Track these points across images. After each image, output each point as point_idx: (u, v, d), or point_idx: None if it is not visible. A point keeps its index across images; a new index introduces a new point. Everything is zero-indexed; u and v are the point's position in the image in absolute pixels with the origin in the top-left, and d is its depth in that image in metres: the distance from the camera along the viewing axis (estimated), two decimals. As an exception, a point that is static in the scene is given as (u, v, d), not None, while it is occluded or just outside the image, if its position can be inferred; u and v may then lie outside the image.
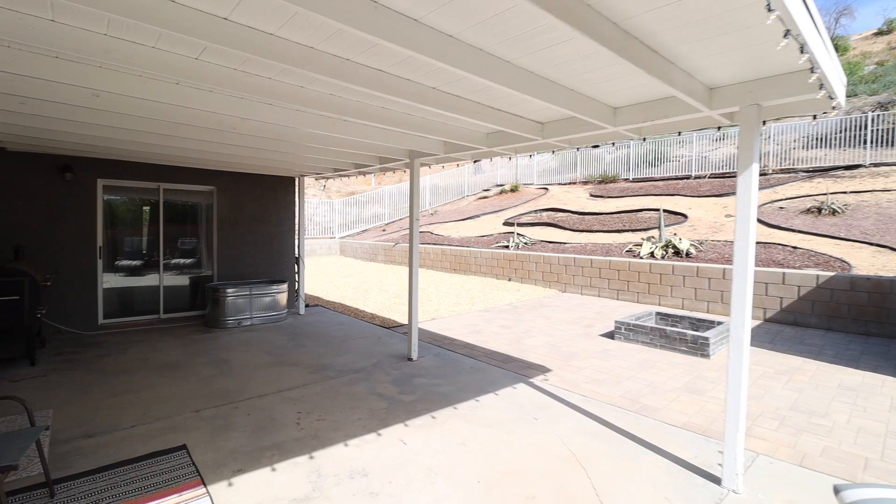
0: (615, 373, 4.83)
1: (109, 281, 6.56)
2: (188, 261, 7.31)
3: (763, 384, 4.51)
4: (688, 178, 15.26)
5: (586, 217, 13.81)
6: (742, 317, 2.73)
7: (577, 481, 2.81)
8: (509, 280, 11.45)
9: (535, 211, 15.63)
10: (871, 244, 8.23)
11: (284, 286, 7.11)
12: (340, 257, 18.12)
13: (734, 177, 14.06)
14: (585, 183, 17.89)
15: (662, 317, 6.64)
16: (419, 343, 5.72)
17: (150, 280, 6.92)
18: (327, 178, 7.75)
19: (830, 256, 7.85)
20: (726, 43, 2.19)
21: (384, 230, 19.14)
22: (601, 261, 9.62)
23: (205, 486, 2.70)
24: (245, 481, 2.77)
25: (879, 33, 27.59)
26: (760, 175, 13.69)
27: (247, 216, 7.69)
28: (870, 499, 2.01)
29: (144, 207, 6.93)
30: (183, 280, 7.24)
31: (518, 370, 4.88)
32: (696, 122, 3.36)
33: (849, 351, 5.65)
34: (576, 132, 3.76)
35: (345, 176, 7.09)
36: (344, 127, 4.06)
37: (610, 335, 6.33)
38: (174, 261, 7.16)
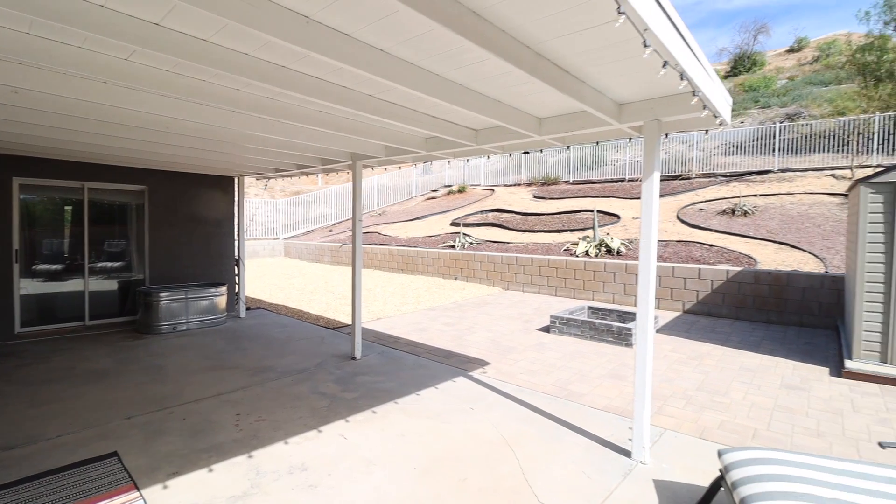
0: (548, 363, 5.17)
1: (27, 287, 6.12)
2: (117, 264, 6.95)
3: (676, 368, 5.01)
4: (622, 180, 16.24)
5: (529, 217, 14.38)
6: (646, 308, 3.08)
7: (506, 463, 3.05)
8: (455, 279, 11.72)
9: (482, 211, 16.05)
10: (775, 242, 9.24)
11: (223, 289, 6.94)
12: (285, 259, 17.69)
13: (665, 179, 15.17)
14: (530, 184, 18.57)
15: (593, 311, 7.13)
16: (363, 342, 5.82)
17: (73, 285, 6.52)
18: (268, 178, 7.63)
19: (740, 253, 8.73)
20: (626, 67, 2.49)
21: (331, 231, 18.88)
22: (541, 259, 10.10)
23: (138, 490, 2.69)
24: (181, 483, 2.78)
25: (791, 50, 30.45)
26: (685, 179, 14.86)
27: (182, 216, 7.42)
28: (741, 459, 2.38)
29: (67, 207, 6.52)
30: (111, 284, 6.87)
31: (459, 365, 5.10)
32: (610, 133, 3.71)
33: (752, 337, 6.36)
34: (506, 139, 4.02)
35: (287, 176, 7.03)
36: (283, 129, 4.09)
37: (546, 329, 6.72)
38: (101, 264, 6.78)
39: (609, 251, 9.90)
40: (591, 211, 12.80)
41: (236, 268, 7.83)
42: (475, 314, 7.82)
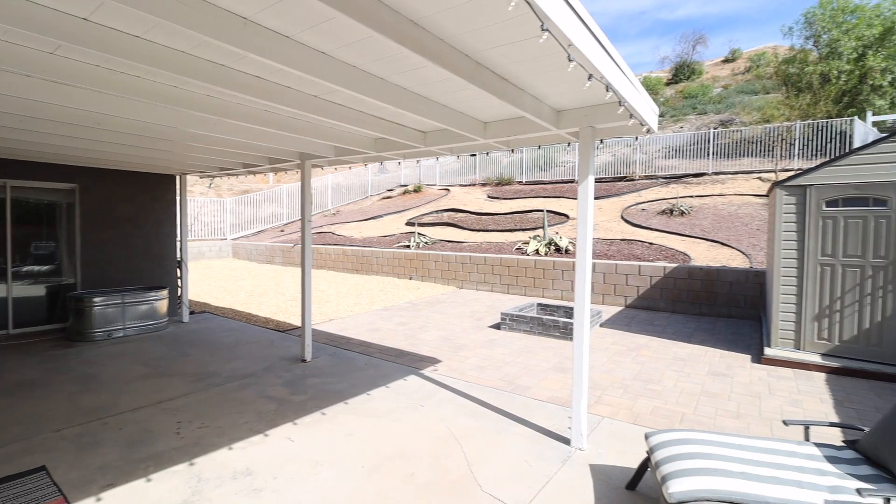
0: (498, 359, 5.33)
1: (-63, 294, 5.60)
2: (45, 267, 6.48)
3: (616, 360, 5.30)
4: (572, 181, 16.84)
5: (483, 217, 14.63)
6: (583, 304, 3.26)
7: (452, 456, 3.14)
8: (410, 279, 11.76)
9: (437, 211, 16.16)
10: (708, 240, 9.92)
11: (164, 292, 6.63)
12: (233, 260, 17.04)
13: (611, 181, 15.89)
14: (484, 185, 18.87)
15: (542, 307, 7.40)
16: (315, 344, 5.75)
17: (-7, 291, 6.03)
18: (213, 177, 7.36)
19: (677, 251, 9.31)
20: (558, 77, 2.64)
21: (282, 231, 18.38)
22: (494, 258, 10.33)
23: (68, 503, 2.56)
24: (116, 495, 2.68)
25: (726, 61, 32.54)
26: (630, 181, 15.61)
27: (118, 217, 7.02)
28: (664, 440, 2.59)
29: (-16, 207, 6.02)
30: (38, 289, 6.41)
31: (410, 363, 5.16)
32: (550, 138, 3.90)
33: (685, 329, 6.82)
34: (453, 142, 4.12)
35: (233, 175, 6.82)
36: (226, 128, 3.99)
37: (497, 326, 6.91)
38: (27, 268, 6.31)
39: (558, 250, 10.28)
40: (542, 211, 13.19)
41: (179, 270, 7.50)
42: (429, 313, 7.90)
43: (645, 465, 2.70)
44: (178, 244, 7.62)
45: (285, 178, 25.44)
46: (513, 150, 4.38)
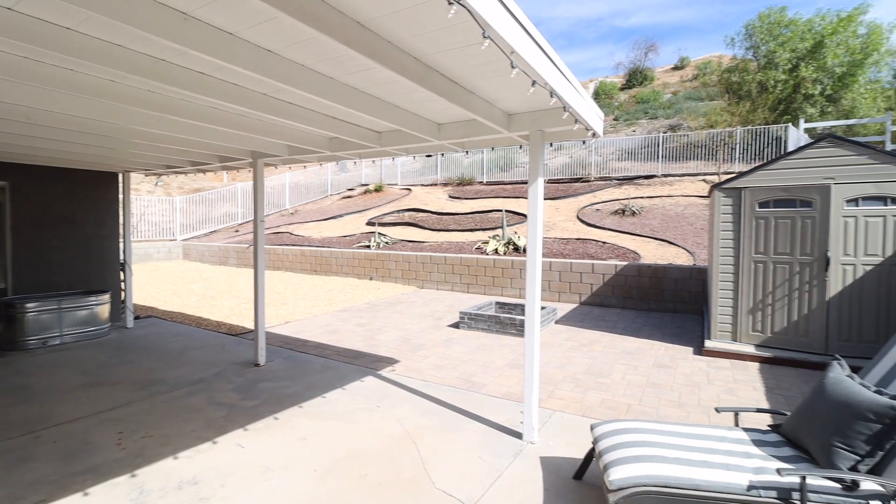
0: (455, 358, 5.39)
1: None
2: (-32, 272, 5.99)
3: (569, 355, 5.48)
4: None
5: (444, 217, 14.71)
6: (533, 301, 3.36)
7: (407, 455, 3.16)
8: (370, 279, 11.67)
9: (398, 211, 16.10)
10: (656, 239, 10.40)
11: (106, 297, 6.28)
12: (184, 262, 16.32)
13: (568, 182, 16.34)
14: (446, 185, 18.96)
15: (500, 306, 7.53)
16: (270, 348, 5.62)
17: None
18: (160, 175, 7.04)
19: (628, 249, 9.71)
20: (505, 82, 2.71)
21: (237, 231, 17.76)
22: (454, 258, 10.41)
23: (-8, 525, 2.40)
24: (48, 512, 2.53)
25: (676, 68, 34.05)
26: (585, 182, 16.11)
27: (54, 217, 6.59)
28: (607, 431, 2.72)
29: None
30: (-39, 296, 5.92)
31: (368, 364, 5.13)
32: (502, 140, 3.99)
33: (634, 324, 7.14)
34: (408, 143, 4.14)
35: (181, 173, 6.54)
36: (169, 124, 3.83)
37: (456, 325, 6.98)
38: (-54, 273, 5.81)
39: (517, 249, 10.48)
40: (501, 211, 13.40)
41: (122, 273, 7.12)
42: (388, 314, 7.87)
43: (590, 455, 2.82)
44: (121, 245, 7.23)
45: (241, 176, 24.60)
46: (467, 152, 4.45)
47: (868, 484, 2.14)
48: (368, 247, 12.51)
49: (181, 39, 2.03)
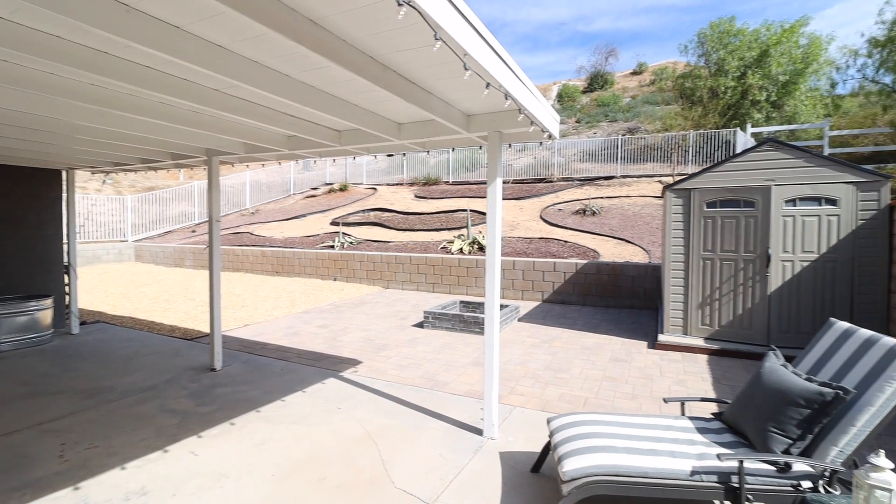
0: (419, 357, 5.40)
1: None
2: None
3: (530, 352, 5.60)
4: (495, 182, 17.38)
5: (410, 217, 14.67)
6: (493, 299, 3.42)
7: (367, 456, 3.15)
8: (334, 280, 11.50)
9: (363, 210, 15.94)
10: (615, 238, 10.75)
11: (48, 301, 5.92)
12: (136, 264, 15.57)
13: (532, 182, 16.63)
14: (412, 184, 18.91)
15: (465, 304, 7.60)
16: (227, 351, 5.46)
17: None
18: (107, 173, 6.69)
19: (588, 248, 10.00)
20: (462, 84, 2.75)
21: (194, 231, 17.10)
22: (419, 258, 10.41)
23: (-86, 549, 2.23)
24: (-21, 532, 2.37)
25: (634, 73, 35.20)
26: (548, 182, 16.45)
27: (-12, 217, 6.14)
28: (561, 424, 2.80)
29: None
30: None
31: (330, 366, 5.07)
32: (462, 140, 4.03)
33: (593, 320, 7.36)
34: (369, 142, 4.11)
35: (130, 171, 6.25)
36: (115, 120, 3.66)
37: (420, 325, 6.98)
38: None
39: (481, 248, 10.59)
40: (466, 210, 13.50)
41: (67, 276, 6.73)
42: (352, 314, 7.79)
43: (547, 448, 2.90)
44: (65, 247, 6.83)
45: (198, 174, 23.70)
46: (428, 152, 4.47)
47: (799, 465, 2.30)
48: (332, 247, 12.32)
49: (123, 32, 1.95)
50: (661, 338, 5.83)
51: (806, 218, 5.32)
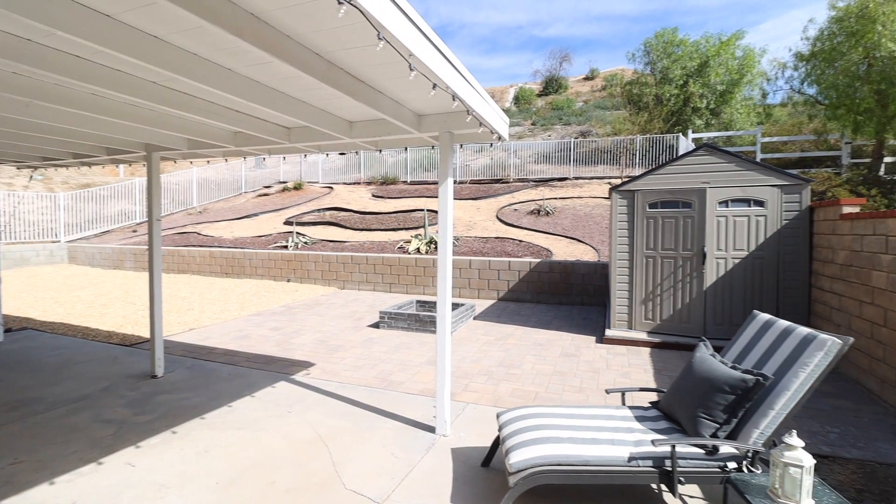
0: (374, 357, 5.37)
1: None
2: None
3: (484, 349, 5.69)
4: (454, 182, 17.52)
5: (367, 216, 14.51)
6: (444, 298, 3.46)
7: (318, 458, 3.11)
8: (288, 281, 11.20)
9: (319, 210, 15.61)
10: (567, 237, 11.10)
11: (-35, 308, 5.42)
12: (69, 266, 14.51)
13: (489, 183, 16.86)
14: (369, 183, 18.71)
15: (421, 304, 7.61)
16: (170, 357, 5.21)
17: None
18: (35, 168, 6.21)
19: (541, 247, 10.27)
20: (410, 83, 2.76)
21: (135, 231, 16.15)
22: (376, 257, 10.33)
23: None
24: None
25: (587, 78, 36.36)
26: (505, 183, 16.74)
27: None
28: (509, 418, 2.88)
29: None
30: None
31: (281, 369, 4.94)
32: (414, 140, 4.04)
33: (546, 317, 7.57)
34: (320, 140, 4.05)
35: (61, 166, 5.83)
36: (42, 112, 3.41)
37: (376, 325, 6.94)
38: None
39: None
40: (423, 210, 13.52)
41: (-13, 280, 6.18)
42: (305, 316, 7.62)
43: (497, 442, 2.97)
44: (-16, 248, 6.27)
45: (139, 170, 22.38)
46: (380, 151, 4.45)
47: (726, 448, 2.48)
48: (286, 247, 12.00)
49: (45, 19, 1.83)
50: (608, 332, 6.09)
51: (737, 218, 5.71)
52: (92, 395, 4.18)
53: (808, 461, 1.96)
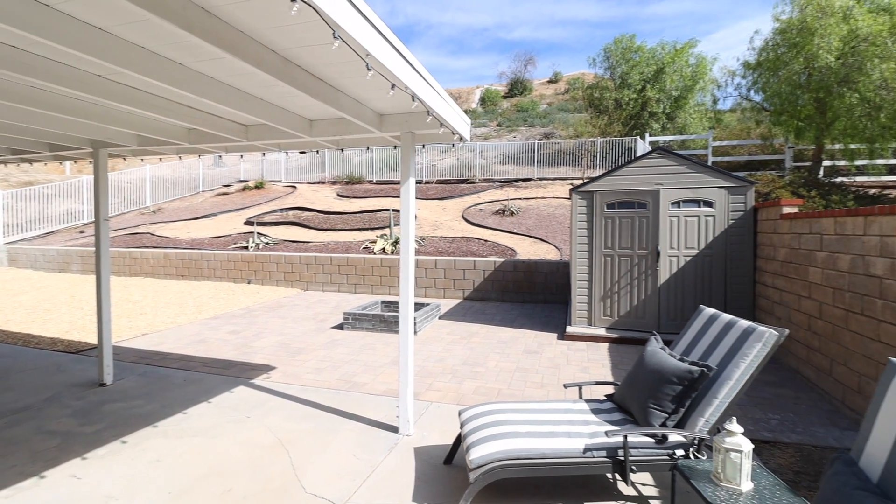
0: (337, 359, 5.30)
1: None
2: None
3: (449, 348, 5.73)
4: (420, 182, 17.52)
5: (332, 216, 14.30)
6: (407, 297, 3.46)
7: (277, 463, 3.05)
8: (248, 283, 10.89)
9: (281, 210, 15.25)
10: (531, 237, 11.31)
11: None
12: (9, 269, 13.56)
13: (455, 183, 16.94)
14: (334, 183, 18.44)
15: (386, 304, 7.58)
16: (121, 364, 4.98)
17: None
18: (-33, 165, 5.78)
19: (506, 246, 10.42)
20: (369, 83, 2.75)
21: (82, 232, 15.28)
22: (340, 258, 10.19)
23: None
24: None
25: (550, 81, 37.04)
26: (471, 183, 16.87)
27: None
28: (471, 415, 2.92)
29: None
30: None
31: (240, 374, 4.81)
32: (376, 140, 4.03)
33: (510, 315, 7.70)
34: (279, 138, 3.97)
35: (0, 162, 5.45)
36: (-28, 104, 3.19)
37: (340, 326, 6.85)
38: None
39: (404, 248, 10.60)
40: (389, 210, 13.44)
41: (-88, 285, 5.70)
42: (267, 318, 7.44)
43: (459, 439, 3.00)
44: None
45: (88, 167, 21.18)
46: (342, 150, 4.41)
47: (674, 436, 2.61)
48: (247, 248, 11.66)
49: (-29, 5, 1.72)
50: (569, 329, 6.26)
51: (688, 218, 5.99)
52: (34, 405, 3.94)
53: (747, 446, 2.09)
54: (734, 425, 2.17)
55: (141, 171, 18.01)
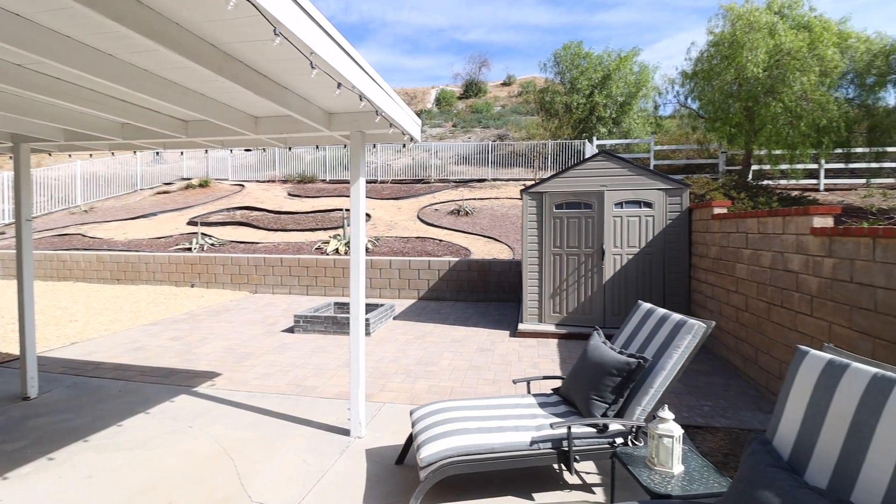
0: (287, 364, 5.17)
1: None
2: None
3: (403, 348, 5.73)
4: (375, 181, 17.34)
5: (282, 216, 13.88)
6: (357, 298, 3.43)
7: (222, 472, 2.94)
8: (192, 286, 10.37)
9: (228, 209, 14.63)
10: (485, 236, 11.48)
11: None
12: (-85, 275, 12.19)
13: (410, 183, 16.89)
14: (285, 182, 17.89)
15: (339, 306, 7.46)
16: (47, 375, 4.62)
17: None
18: None
19: (461, 246, 10.53)
20: (315, 81, 2.70)
21: (3, 233, 13.99)
22: (291, 259, 9.92)
23: None
24: None
25: (504, 84, 37.65)
26: (426, 183, 16.89)
27: None
28: (422, 414, 2.94)
29: None
30: None
31: (182, 382, 4.58)
32: (324, 139, 3.97)
33: (464, 314, 7.79)
34: (222, 135, 3.82)
35: None
36: None
37: (290, 329, 6.68)
38: None
39: (358, 248, 10.47)
40: (342, 210, 13.23)
41: None
42: (212, 323, 7.12)
43: (410, 439, 3.01)
44: None
45: (8, 163, 19.38)
46: (290, 148, 4.31)
47: (615, 426, 2.74)
48: (189, 249, 11.10)
49: None
50: (521, 326, 6.42)
51: (630, 218, 6.31)
52: (-59, 424, 3.58)
53: (678, 431, 2.23)
54: (666, 412, 2.31)
55: (71, 168, 16.71)
